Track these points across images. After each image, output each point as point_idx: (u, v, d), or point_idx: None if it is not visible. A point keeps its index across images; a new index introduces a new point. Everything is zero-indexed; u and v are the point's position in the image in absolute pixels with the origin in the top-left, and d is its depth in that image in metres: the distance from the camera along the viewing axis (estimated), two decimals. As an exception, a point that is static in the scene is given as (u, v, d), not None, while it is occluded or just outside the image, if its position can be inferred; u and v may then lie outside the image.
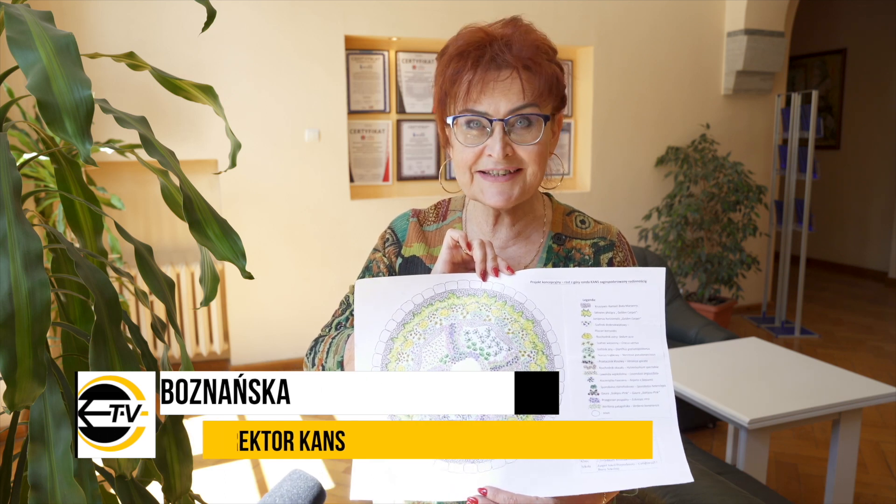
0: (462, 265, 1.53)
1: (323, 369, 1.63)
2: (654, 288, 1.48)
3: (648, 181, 7.73)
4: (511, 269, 1.49)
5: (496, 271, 1.48)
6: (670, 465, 1.39)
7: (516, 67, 1.52)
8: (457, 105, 1.56)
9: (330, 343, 1.66)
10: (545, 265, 1.69)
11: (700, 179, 7.50)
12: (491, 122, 1.53)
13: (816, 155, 9.78)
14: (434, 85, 1.64)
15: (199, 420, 5.36)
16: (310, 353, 1.71)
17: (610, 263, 1.70)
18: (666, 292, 5.61)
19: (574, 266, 1.69)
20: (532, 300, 1.46)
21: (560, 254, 1.70)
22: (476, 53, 1.54)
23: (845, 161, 10.68)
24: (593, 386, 1.42)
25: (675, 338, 5.35)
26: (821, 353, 6.94)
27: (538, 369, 1.41)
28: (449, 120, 1.58)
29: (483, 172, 1.58)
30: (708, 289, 7.39)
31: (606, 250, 1.72)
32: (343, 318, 1.77)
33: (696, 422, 5.15)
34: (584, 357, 1.43)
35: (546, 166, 1.62)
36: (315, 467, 4.56)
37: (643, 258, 5.69)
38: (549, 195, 1.81)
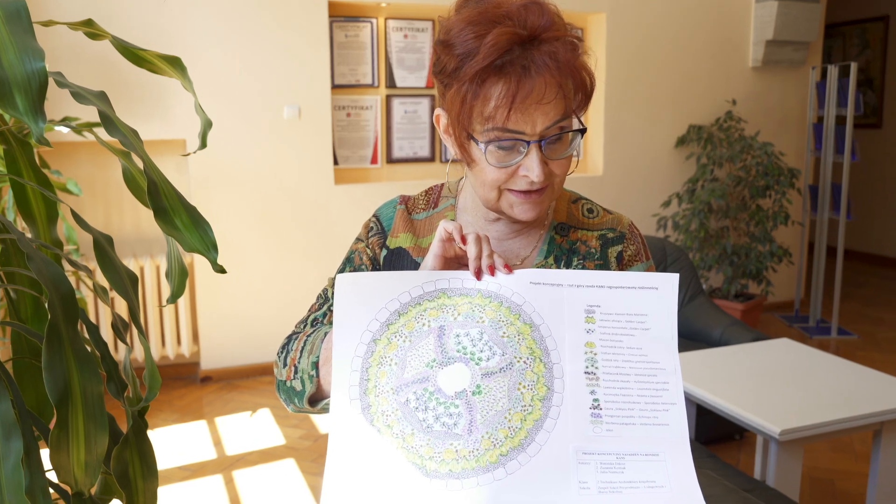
0: (455, 261, 1.54)
1: (296, 371, 1.64)
2: (666, 296, 1.49)
3: (667, 164, 7.74)
4: (509, 269, 1.50)
5: (492, 270, 1.49)
6: (681, 493, 1.39)
7: (550, 71, 1.48)
8: (485, 123, 1.51)
9: (304, 341, 1.66)
10: (546, 258, 1.70)
11: (725, 162, 7.50)
12: (527, 143, 1.51)
13: (855, 134, 9.80)
14: (439, 72, 1.58)
15: (166, 430, 5.38)
16: (281, 352, 1.71)
17: (619, 258, 1.71)
18: (688, 288, 5.67)
19: (578, 260, 1.70)
20: (531, 302, 1.47)
21: (563, 246, 1.71)
22: (506, 59, 1.48)
23: (887, 141, 10.68)
24: (595, 400, 1.43)
25: (698, 339, 5.36)
26: (860, 355, 6.95)
27: (535, 377, 1.42)
28: (480, 144, 1.53)
29: (513, 190, 1.58)
30: (734, 284, 7.41)
31: (615, 243, 1.72)
32: (320, 314, 1.77)
33: (720, 433, 5.17)
34: (587, 367, 1.44)
35: None
36: (292, 472, 4.58)
37: (662, 249, 5.69)
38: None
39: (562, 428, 1.40)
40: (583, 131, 1.56)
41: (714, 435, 5.13)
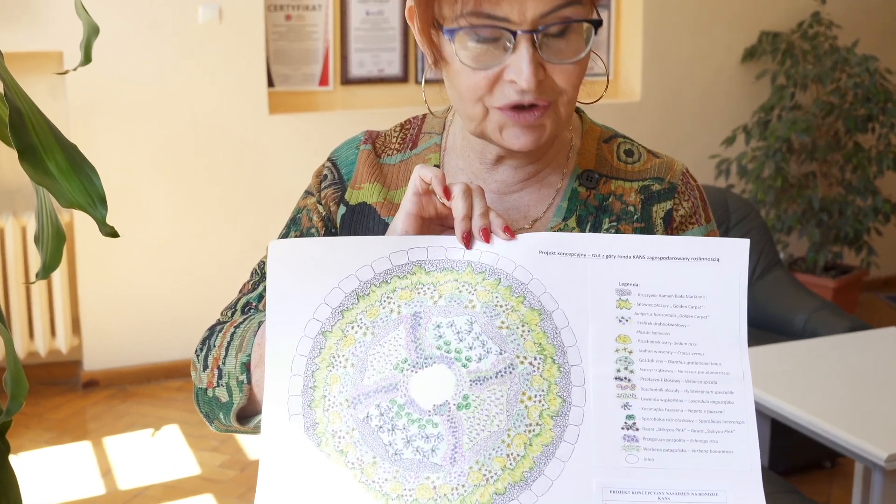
0: (435, 222, 1.53)
1: (220, 376, 1.62)
2: (732, 270, 1.48)
3: (731, 86, 7.75)
4: (511, 233, 1.48)
5: (487, 234, 1.47)
6: None
7: None
8: (456, 5, 1.50)
9: (232, 334, 1.65)
10: (565, 220, 1.68)
11: (811, 83, 7.50)
12: (514, 33, 1.49)
13: None
14: None
15: (35, 455, 5.39)
16: (201, 350, 1.70)
17: (667, 218, 1.70)
18: (759, 258, 5.68)
19: (611, 221, 1.68)
20: (541, 280, 1.46)
21: (590, 202, 1.69)
22: None
23: None
24: (630, 417, 1.42)
25: (774, 328, 5.38)
26: None
27: (545, 385, 1.41)
28: (447, 33, 1.53)
29: (501, 107, 1.55)
30: (823, 252, 7.42)
31: (663, 198, 1.71)
32: (254, 297, 1.76)
33: (804, 459, 5.19)
34: (619, 371, 1.43)
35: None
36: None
37: (723, 204, 5.70)
38: (577, 109, 1.79)
39: (582, 456, 1.39)
40: (597, 23, 1.54)
41: (796, 462, 5.15)
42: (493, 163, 1.69)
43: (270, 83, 6.69)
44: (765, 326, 5.42)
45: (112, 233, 1.67)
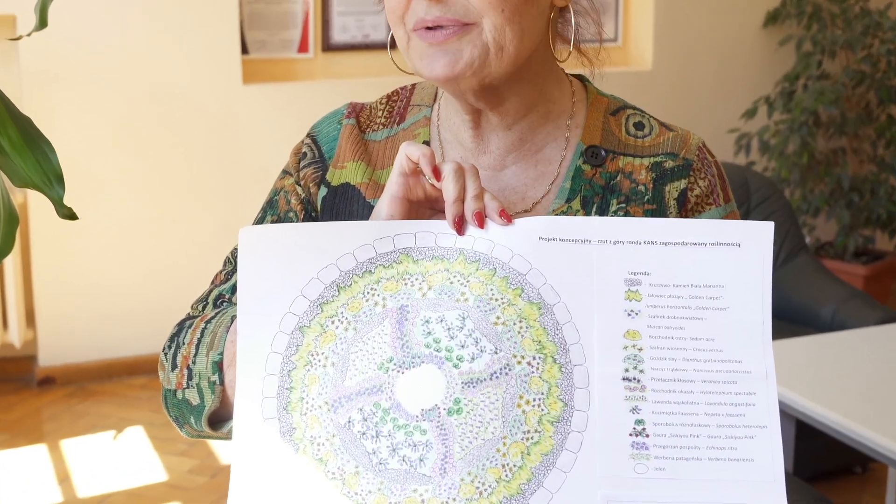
0: (425, 205, 1.52)
1: (189, 376, 1.62)
2: (754, 257, 1.47)
3: (751, 53, 7.76)
4: (508, 217, 1.47)
5: (480, 218, 1.46)
6: None
7: None
8: None
9: (202, 330, 1.64)
10: (568, 202, 1.67)
11: (840, 49, 7.52)
12: None
13: None
14: None
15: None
16: (169, 348, 1.69)
17: (681, 199, 1.68)
18: (783, 242, 5.68)
19: (619, 203, 1.67)
20: (541, 270, 1.45)
21: (596, 182, 1.68)
22: None
23: None
24: (639, 422, 1.40)
25: (799, 320, 5.39)
26: None
27: (545, 387, 1.40)
28: None
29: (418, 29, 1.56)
30: (853, 236, 7.43)
31: (677, 176, 1.69)
32: (227, 288, 1.76)
33: (833, 464, 5.20)
34: (627, 371, 1.42)
35: (532, 21, 1.58)
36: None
37: (743, 183, 5.70)
38: (582, 78, 1.78)
39: (586, 466, 1.38)
40: None
41: (824, 467, 5.17)
42: (471, 128, 1.69)
43: (244, 50, 6.69)
44: (789, 318, 5.42)
45: (70, 215, 1.67)
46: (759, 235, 1.47)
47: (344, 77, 6.90)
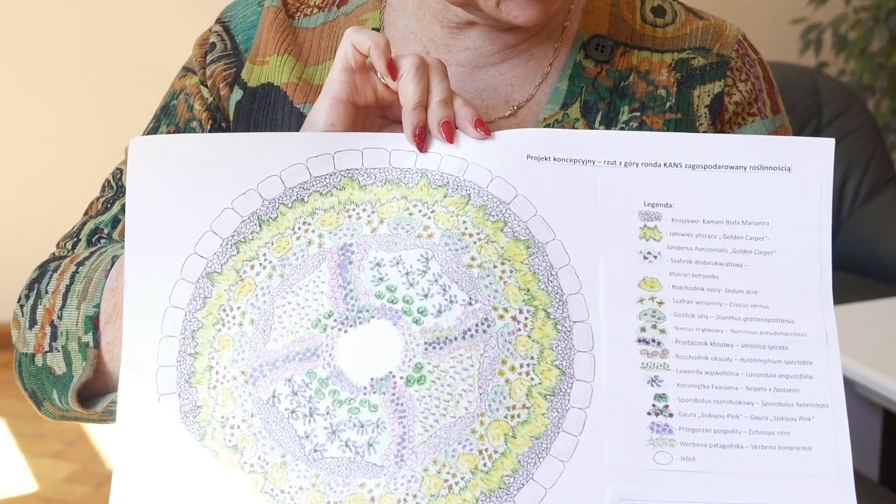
0: (376, 111, 1.54)
1: (54, 335, 1.61)
2: (809, 184, 1.48)
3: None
4: (484, 128, 1.48)
5: (449, 129, 1.47)
6: None
7: None
8: None
9: (72, 275, 1.64)
10: (564, 109, 1.69)
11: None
12: None
13: None
14: None
15: None
16: (27, 297, 1.69)
17: (716, 108, 1.71)
18: (865, 171, 5.70)
19: (632, 111, 1.69)
20: (529, 197, 1.47)
21: (601, 82, 1.70)
22: None
23: None
24: (660, 397, 1.42)
25: (882, 275, 5.40)
26: None
27: (535, 350, 1.41)
28: None
29: None
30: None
31: (709, 77, 1.72)
32: (107, 220, 1.76)
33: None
34: (643, 331, 1.44)
35: None
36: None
37: (812, 90, 5.71)
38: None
39: (589, 454, 1.39)
40: None
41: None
42: (456, 26, 1.69)
43: None
44: (870, 272, 5.44)
45: None
46: (815, 156, 1.48)
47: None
